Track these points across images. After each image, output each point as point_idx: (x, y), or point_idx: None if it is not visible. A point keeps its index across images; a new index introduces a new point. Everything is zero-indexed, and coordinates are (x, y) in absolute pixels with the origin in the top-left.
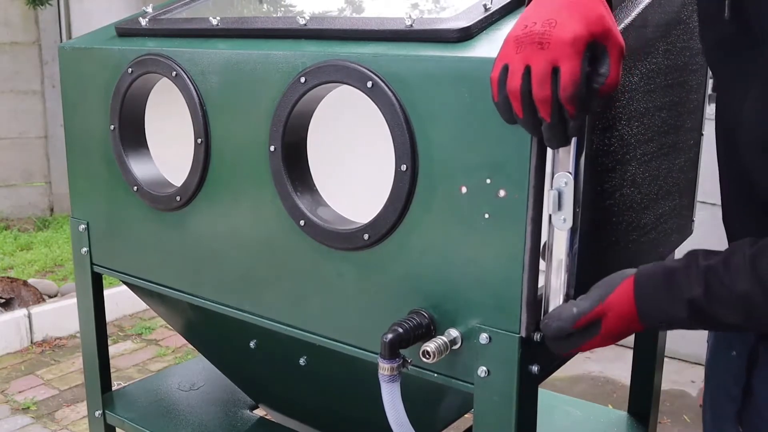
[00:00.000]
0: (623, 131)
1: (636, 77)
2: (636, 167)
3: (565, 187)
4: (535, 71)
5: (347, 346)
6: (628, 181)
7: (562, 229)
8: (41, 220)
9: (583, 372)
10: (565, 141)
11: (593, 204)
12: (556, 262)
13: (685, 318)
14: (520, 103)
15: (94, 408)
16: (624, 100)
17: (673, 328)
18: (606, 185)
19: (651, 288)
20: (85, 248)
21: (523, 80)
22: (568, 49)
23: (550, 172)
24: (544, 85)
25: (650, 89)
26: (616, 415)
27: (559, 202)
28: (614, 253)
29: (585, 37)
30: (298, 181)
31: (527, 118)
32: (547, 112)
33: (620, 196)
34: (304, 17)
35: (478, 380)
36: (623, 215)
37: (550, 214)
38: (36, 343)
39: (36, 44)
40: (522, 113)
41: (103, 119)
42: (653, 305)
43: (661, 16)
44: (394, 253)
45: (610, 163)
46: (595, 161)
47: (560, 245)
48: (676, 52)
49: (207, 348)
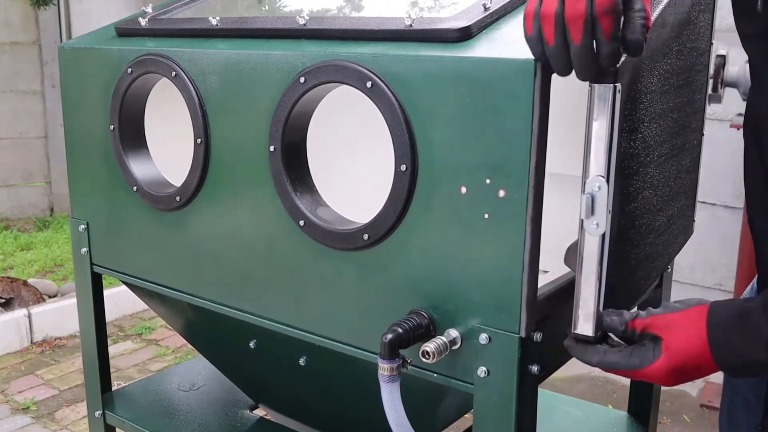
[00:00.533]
0: (645, 133)
1: (656, 78)
2: (654, 169)
3: (598, 191)
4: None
5: (347, 347)
6: (648, 184)
7: (594, 235)
8: (41, 220)
9: (583, 372)
10: (595, 68)
11: (620, 208)
12: (588, 268)
13: (764, 361)
14: (553, 27)
15: (94, 408)
16: (646, 101)
17: (743, 375)
18: (631, 188)
19: (725, 321)
20: (85, 248)
21: (558, 3)
22: None
23: (550, 172)
24: (578, 2)
25: (666, 90)
26: (616, 415)
27: (592, 207)
28: (634, 256)
29: None
30: (298, 181)
31: (558, 45)
32: (579, 30)
33: (642, 199)
34: (303, 17)
35: (478, 380)
36: (643, 218)
37: (582, 219)
38: (36, 343)
39: (36, 44)
40: (553, 39)
41: (102, 119)
42: (727, 341)
43: (675, 16)
44: (393, 254)
45: (635, 165)
46: (622, 164)
47: (592, 251)
48: (686, 52)
49: (207, 348)
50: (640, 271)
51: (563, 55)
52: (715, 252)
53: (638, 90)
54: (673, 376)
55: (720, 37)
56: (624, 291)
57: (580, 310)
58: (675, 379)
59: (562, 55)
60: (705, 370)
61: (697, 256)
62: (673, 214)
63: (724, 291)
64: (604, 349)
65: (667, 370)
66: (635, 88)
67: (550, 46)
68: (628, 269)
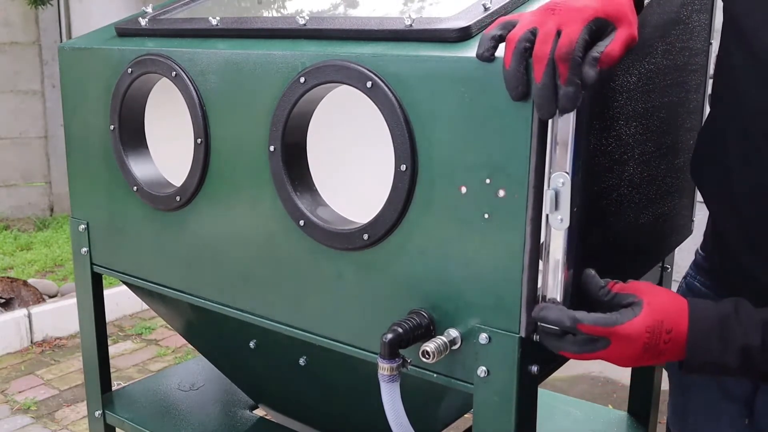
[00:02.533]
0: (621, 131)
1: (634, 77)
2: (634, 167)
3: (562, 186)
4: (541, 30)
5: (347, 346)
6: (625, 181)
7: (559, 229)
8: (41, 220)
9: (583, 372)
10: (552, 107)
11: (590, 204)
12: (553, 261)
13: (735, 366)
14: (511, 53)
15: (94, 408)
16: (621, 100)
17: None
18: (603, 185)
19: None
20: (85, 248)
21: (526, 33)
22: (574, 14)
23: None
24: (545, 44)
25: (648, 89)
26: (616, 415)
27: (556, 202)
28: (611, 252)
29: (594, 9)
30: (298, 181)
31: (514, 70)
32: (541, 71)
33: (617, 196)
34: (303, 17)
35: (478, 380)
36: (621, 215)
37: (548, 214)
38: (36, 343)
39: (36, 44)
40: (509, 64)
41: (102, 119)
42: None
43: (660, 16)
44: (393, 253)
45: (607, 163)
46: (593, 161)
47: (557, 245)
48: (675, 52)
49: (207, 348)
50: (624, 265)
51: (521, 80)
52: None
53: (612, 89)
54: (646, 334)
55: None
56: None
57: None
58: (647, 341)
59: (520, 81)
60: (673, 342)
61: None
62: (662, 212)
63: None
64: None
65: (645, 325)
66: (608, 87)
67: (506, 69)
68: (608, 263)
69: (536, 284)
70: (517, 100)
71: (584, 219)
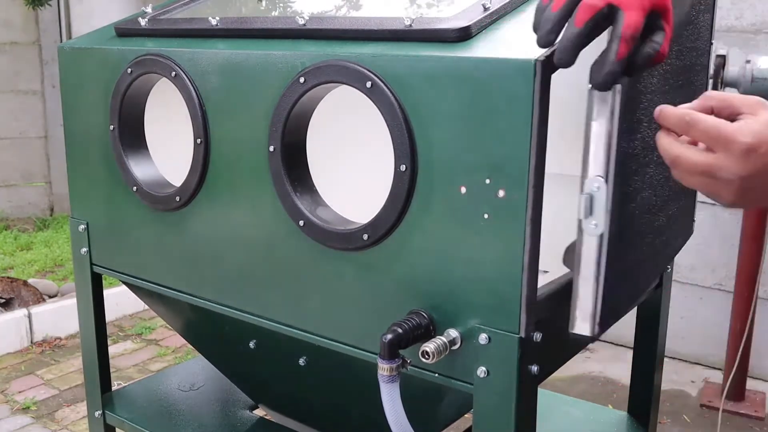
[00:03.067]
0: (645, 133)
1: (656, 78)
2: (654, 169)
3: (597, 191)
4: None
5: (347, 347)
6: (647, 184)
7: (593, 235)
8: (41, 220)
9: (583, 372)
10: (574, 58)
11: (619, 208)
12: (587, 268)
13: None
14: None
15: (93, 408)
16: (645, 101)
17: None
18: (630, 189)
19: None
20: (85, 248)
21: None
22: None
23: (550, 173)
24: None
25: (666, 90)
26: (615, 415)
27: (591, 207)
28: (633, 256)
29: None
30: (298, 181)
31: (561, 13)
32: (585, 18)
33: (641, 199)
34: (303, 17)
35: (478, 380)
36: (642, 218)
37: (580, 219)
38: (36, 343)
39: (36, 44)
40: (559, 7)
41: (102, 119)
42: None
43: (676, 17)
44: (393, 254)
45: (634, 166)
46: (622, 165)
47: (590, 251)
48: (686, 52)
49: (207, 348)
50: (640, 271)
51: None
52: (715, 252)
53: (638, 90)
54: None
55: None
56: (623, 291)
57: (578, 311)
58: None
59: (560, 20)
60: None
61: (697, 256)
62: (672, 214)
63: (724, 291)
64: None
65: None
66: (635, 88)
67: (553, 12)
68: (628, 269)
69: (536, 284)
70: (543, 45)
71: (613, 224)
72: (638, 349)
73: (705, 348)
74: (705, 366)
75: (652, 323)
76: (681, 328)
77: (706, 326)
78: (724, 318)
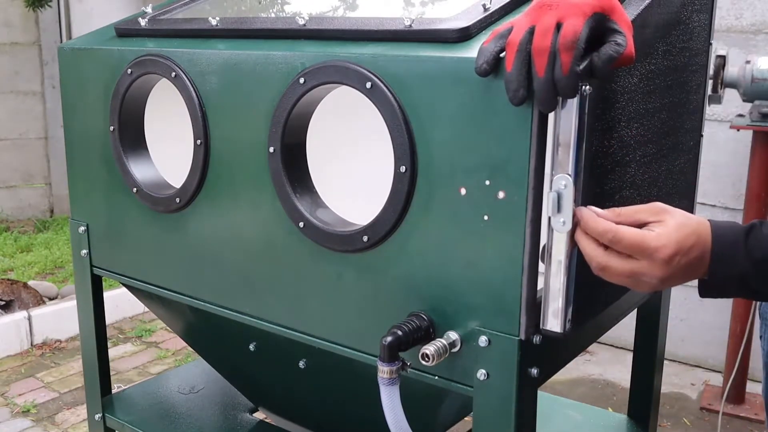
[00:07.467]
0: (622, 133)
1: (635, 78)
2: (636, 169)
3: (564, 189)
4: (539, 25)
5: (346, 349)
6: (627, 183)
7: (561, 232)
8: (41, 221)
9: (582, 375)
10: (554, 100)
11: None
12: (555, 264)
13: (753, 274)
14: (514, 54)
15: (93, 411)
16: (623, 101)
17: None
18: (605, 187)
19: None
20: (85, 250)
21: (525, 35)
22: (575, 8)
23: (549, 173)
24: (545, 36)
25: (649, 90)
26: (615, 418)
27: (558, 205)
28: None
29: (592, 4)
30: (298, 182)
31: (517, 71)
32: (543, 63)
33: (620, 198)
34: (303, 17)
35: (478, 383)
36: None
37: (549, 216)
38: (36, 345)
39: (36, 44)
40: (512, 65)
41: (102, 120)
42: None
43: (661, 17)
44: (393, 255)
45: (610, 165)
46: (595, 163)
47: (559, 247)
48: (676, 52)
49: (206, 351)
50: None
51: (523, 78)
52: None
53: (614, 90)
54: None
55: (720, 37)
56: (598, 288)
57: (549, 307)
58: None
59: (521, 78)
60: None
61: None
62: None
63: None
64: None
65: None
66: (610, 88)
67: (508, 72)
68: None
69: (536, 286)
70: (517, 104)
71: None
72: (638, 351)
73: (705, 351)
74: (705, 369)
75: (652, 326)
76: (681, 330)
77: (706, 329)
78: (724, 321)
